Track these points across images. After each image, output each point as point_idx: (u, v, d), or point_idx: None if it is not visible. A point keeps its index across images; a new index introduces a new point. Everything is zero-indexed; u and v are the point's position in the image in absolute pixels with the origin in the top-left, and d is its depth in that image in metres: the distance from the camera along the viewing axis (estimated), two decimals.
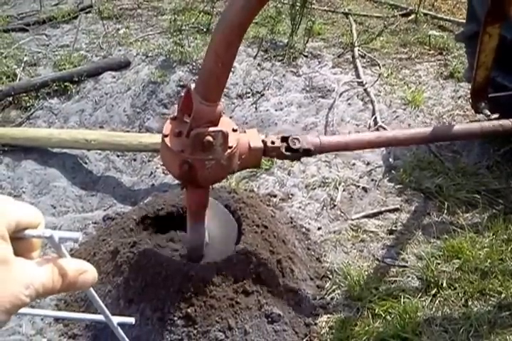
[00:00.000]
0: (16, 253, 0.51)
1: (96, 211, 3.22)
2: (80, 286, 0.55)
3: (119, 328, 0.59)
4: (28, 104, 4.07)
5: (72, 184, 3.41)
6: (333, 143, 2.41)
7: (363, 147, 2.65)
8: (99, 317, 0.59)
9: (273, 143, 2.19)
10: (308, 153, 2.29)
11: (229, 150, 1.95)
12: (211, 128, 1.86)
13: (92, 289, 0.57)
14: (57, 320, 2.54)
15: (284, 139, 2.25)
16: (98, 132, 3.64)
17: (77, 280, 0.54)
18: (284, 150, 2.22)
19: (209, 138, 1.86)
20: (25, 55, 4.64)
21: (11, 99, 4.10)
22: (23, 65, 4.48)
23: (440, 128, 2.88)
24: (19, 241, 0.52)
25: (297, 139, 2.27)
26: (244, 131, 2.22)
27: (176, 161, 1.93)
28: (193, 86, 1.87)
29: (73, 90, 4.14)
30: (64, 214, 3.19)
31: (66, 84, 4.13)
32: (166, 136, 1.96)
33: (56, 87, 4.12)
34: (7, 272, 0.49)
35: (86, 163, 3.57)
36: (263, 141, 2.17)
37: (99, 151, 3.60)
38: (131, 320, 0.59)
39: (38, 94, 4.13)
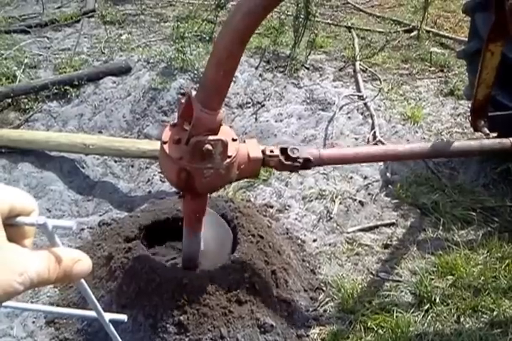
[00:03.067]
0: (8, 241, 0.49)
1: (91, 216, 3.21)
2: (75, 276, 0.53)
3: (110, 325, 0.58)
4: (27, 107, 4.07)
5: (69, 188, 3.40)
6: (332, 155, 2.41)
7: (362, 161, 2.66)
8: (91, 313, 0.57)
9: (272, 152, 2.18)
10: (307, 163, 2.29)
11: (228, 160, 1.93)
12: (211, 137, 1.84)
13: (84, 282, 0.56)
14: (48, 323, 2.51)
15: (283, 150, 2.25)
16: (97, 137, 3.63)
17: (72, 270, 0.52)
18: (283, 160, 2.22)
19: (208, 146, 1.84)
20: (26, 57, 4.64)
21: (10, 100, 4.10)
22: (23, 66, 4.48)
23: (439, 144, 2.90)
24: (11, 227, 0.50)
25: (296, 149, 2.27)
26: (244, 141, 2.21)
27: (174, 169, 1.92)
28: (193, 93, 1.85)
29: (73, 94, 4.14)
30: (59, 218, 3.16)
31: (66, 87, 4.14)
32: (165, 142, 1.94)
33: (56, 90, 4.12)
34: None
35: (83, 168, 3.55)
36: (262, 151, 2.16)
37: (97, 156, 3.59)
38: (124, 317, 0.57)
39: (38, 96, 4.13)
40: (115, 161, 3.63)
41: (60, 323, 2.51)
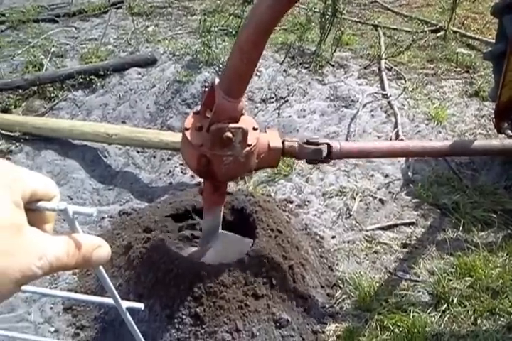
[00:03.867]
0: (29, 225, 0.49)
1: (112, 205, 3.24)
2: (94, 262, 0.53)
3: (127, 313, 0.58)
4: (52, 95, 4.11)
5: (91, 177, 3.43)
6: (353, 149, 2.40)
7: (383, 155, 2.64)
8: (109, 300, 0.57)
9: (293, 143, 2.19)
10: (327, 155, 2.29)
11: (248, 148, 1.95)
12: (231, 125, 1.86)
13: (102, 269, 0.56)
14: (66, 309, 2.55)
15: (305, 142, 2.26)
16: (120, 127, 3.66)
17: (91, 256, 0.52)
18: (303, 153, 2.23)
19: (228, 134, 1.86)
20: (53, 46, 4.69)
21: (36, 88, 4.15)
22: (50, 55, 4.53)
23: (461, 142, 2.87)
24: (32, 212, 0.50)
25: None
26: (265, 131, 2.23)
27: (195, 155, 1.94)
28: (217, 81, 1.87)
29: (98, 84, 4.17)
30: (80, 206, 3.19)
31: (91, 77, 4.17)
32: (187, 129, 1.97)
33: (81, 80, 4.15)
34: (19, 240, 0.46)
35: (106, 157, 3.59)
36: (283, 141, 2.17)
37: (119, 146, 3.62)
38: (140, 305, 0.57)
39: (63, 85, 4.17)
40: (137, 152, 3.66)
41: (78, 310, 2.54)
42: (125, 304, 0.58)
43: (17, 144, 3.65)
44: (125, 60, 4.40)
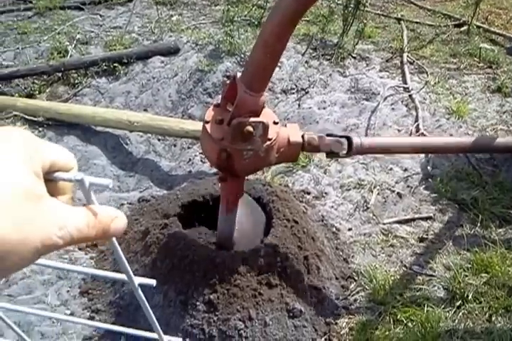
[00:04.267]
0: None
1: (132, 192, 3.28)
2: (112, 233, 0.52)
3: (139, 289, 0.59)
4: (76, 81, 4.16)
5: (112, 163, 3.48)
6: (373, 145, 2.38)
7: (404, 151, 2.62)
8: (122, 276, 0.57)
9: (312, 141, 2.18)
10: (347, 151, 2.29)
11: (268, 142, 1.94)
12: (252, 119, 1.85)
13: (115, 241, 0.54)
14: (82, 293, 2.59)
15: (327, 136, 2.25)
16: (142, 115, 3.69)
17: (109, 227, 0.51)
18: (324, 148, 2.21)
19: (249, 128, 1.85)
20: (78, 33, 4.73)
21: (60, 74, 4.20)
22: (75, 42, 4.58)
23: (482, 139, 2.84)
24: (50, 183, 0.50)
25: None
26: (285, 125, 2.21)
27: (215, 149, 1.93)
28: (239, 74, 1.86)
29: (121, 71, 4.21)
30: (101, 191, 3.25)
31: (115, 64, 4.21)
32: (207, 122, 1.96)
33: (105, 67, 4.20)
34: (40, 208, 0.45)
35: (127, 144, 3.63)
36: (303, 136, 2.15)
37: (141, 133, 3.66)
38: (153, 282, 0.57)
39: (87, 72, 4.22)
40: (158, 139, 3.69)
41: (94, 294, 2.58)
42: (137, 280, 0.58)
43: (40, 129, 3.71)
44: (148, 48, 4.43)
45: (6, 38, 4.75)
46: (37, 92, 4.08)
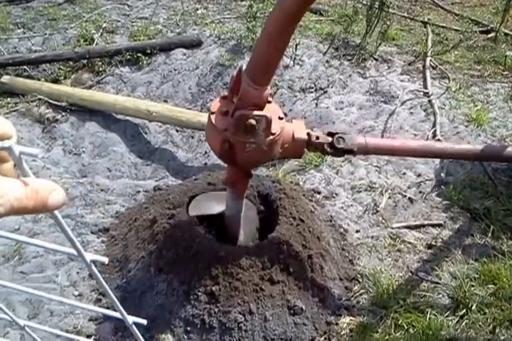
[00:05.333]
0: None
1: (148, 180, 3.32)
2: (50, 206, 0.52)
3: (93, 266, 0.59)
4: (100, 69, 4.21)
5: (130, 151, 3.52)
6: (379, 146, 2.37)
7: (410, 154, 2.59)
8: (72, 251, 0.57)
9: (318, 138, 2.17)
10: (351, 152, 2.28)
11: (271, 137, 1.94)
12: (255, 112, 1.85)
13: (58, 214, 0.54)
14: (91, 275, 2.63)
15: (330, 135, 2.23)
16: (161, 105, 3.73)
17: (47, 199, 0.51)
18: (327, 148, 2.20)
19: (252, 121, 1.85)
20: (105, 22, 4.78)
21: (85, 61, 4.26)
22: (101, 30, 4.62)
23: (492, 147, 2.79)
24: None
25: (342, 138, 2.24)
26: (291, 121, 2.21)
27: (218, 139, 1.95)
28: (244, 67, 1.86)
29: (144, 62, 4.25)
30: (118, 178, 3.29)
31: (139, 55, 4.25)
32: (212, 113, 1.98)
33: (129, 57, 4.24)
34: None
35: (146, 133, 3.67)
36: (308, 133, 2.15)
37: (159, 124, 3.70)
38: (105, 259, 0.57)
39: (111, 60, 4.26)
40: (177, 130, 3.72)
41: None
42: (89, 256, 0.58)
43: (63, 114, 3.77)
44: (172, 40, 4.46)
45: (36, 24, 4.82)
46: (62, 78, 4.14)
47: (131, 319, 0.67)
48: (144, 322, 0.66)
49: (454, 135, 3.71)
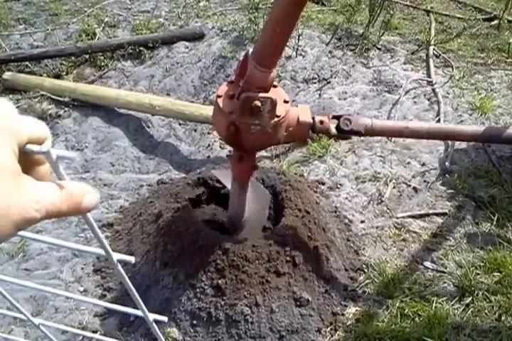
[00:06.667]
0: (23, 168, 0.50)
1: (151, 174, 3.33)
2: (84, 208, 0.53)
3: (119, 265, 0.59)
4: (102, 64, 4.21)
5: (133, 145, 3.53)
6: (385, 127, 2.39)
7: (416, 135, 2.60)
8: (100, 251, 0.58)
9: (322, 122, 2.20)
10: (358, 134, 2.30)
11: (276, 119, 1.97)
12: (261, 94, 1.88)
13: (90, 216, 0.55)
14: (95, 271, 2.65)
15: (336, 118, 2.26)
16: (163, 99, 3.73)
17: (82, 201, 0.52)
18: (333, 130, 2.24)
19: (257, 103, 1.88)
20: (107, 16, 4.78)
21: (87, 56, 4.26)
22: (103, 25, 4.62)
23: (494, 128, 2.78)
24: (25, 154, 0.50)
25: (349, 120, 2.27)
26: (297, 106, 2.24)
27: (224, 122, 1.97)
28: (250, 51, 1.89)
29: (146, 55, 4.25)
30: (121, 172, 3.30)
31: (141, 48, 4.25)
32: (219, 96, 2.01)
33: (131, 51, 4.23)
34: (17, 184, 0.47)
35: (149, 127, 3.67)
36: (313, 117, 2.18)
37: (162, 117, 3.70)
38: (131, 258, 0.58)
39: (113, 55, 4.26)
40: (179, 124, 3.72)
41: (106, 272, 2.64)
42: (116, 256, 0.59)
43: (66, 109, 3.78)
44: (174, 33, 4.45)
45: (38, 19, 4.82)
46: (64, 73, 4.15)
47: (152, 316, 0.68)
48: (165, 319, 0.66)
49: (458, 123, 3.69)
